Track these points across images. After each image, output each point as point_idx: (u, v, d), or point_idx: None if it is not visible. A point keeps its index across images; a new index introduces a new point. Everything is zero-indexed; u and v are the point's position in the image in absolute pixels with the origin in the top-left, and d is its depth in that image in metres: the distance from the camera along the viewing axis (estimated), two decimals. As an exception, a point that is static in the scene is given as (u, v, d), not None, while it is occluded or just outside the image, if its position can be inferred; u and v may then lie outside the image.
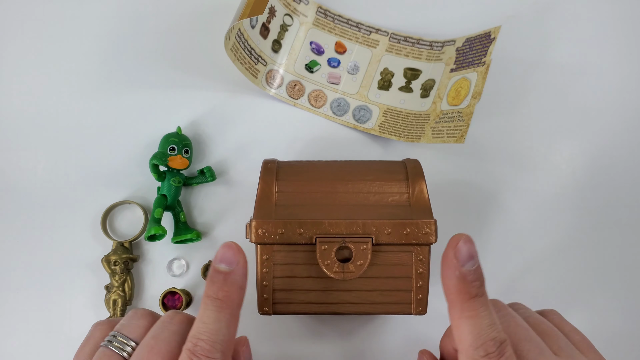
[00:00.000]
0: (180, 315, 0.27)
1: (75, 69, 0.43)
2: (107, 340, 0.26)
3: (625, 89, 0.44)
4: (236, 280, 0.25)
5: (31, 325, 0.40)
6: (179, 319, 0.27)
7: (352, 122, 0.43)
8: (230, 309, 0.25)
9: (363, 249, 0.30)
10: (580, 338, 0.28)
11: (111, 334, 0.27)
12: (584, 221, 0.42)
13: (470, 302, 0.24)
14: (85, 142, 0.42)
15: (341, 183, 0.33)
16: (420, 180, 0.33)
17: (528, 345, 0.25)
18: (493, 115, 0.43)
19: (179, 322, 0.26)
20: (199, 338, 0.24)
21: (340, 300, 0.31)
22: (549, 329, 0.27)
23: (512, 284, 0.41)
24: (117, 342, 0.26)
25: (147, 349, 0.25)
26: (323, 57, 0.44)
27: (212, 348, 0.23)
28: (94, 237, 0.41)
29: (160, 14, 0.44)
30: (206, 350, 0.23)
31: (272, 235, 0.31)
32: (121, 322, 0.27)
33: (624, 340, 0.40)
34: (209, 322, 0.24)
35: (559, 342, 0.26)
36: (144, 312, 0.28)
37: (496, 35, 0.37)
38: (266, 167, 0.34)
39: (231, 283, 0.25)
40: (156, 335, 0.25)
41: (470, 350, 0.23)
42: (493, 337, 0.23)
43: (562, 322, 0.29)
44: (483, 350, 0.23)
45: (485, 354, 0.23)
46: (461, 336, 0.24)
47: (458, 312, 0.24)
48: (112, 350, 0.26)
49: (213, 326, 0.24)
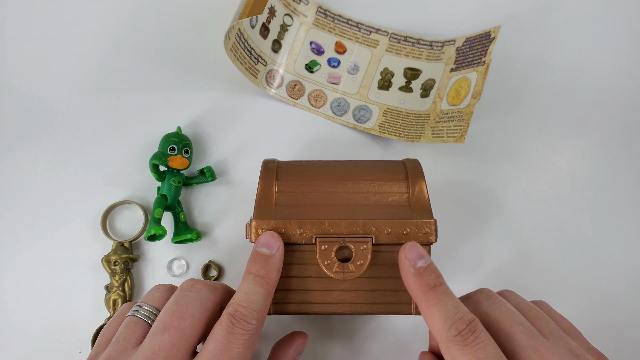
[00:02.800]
0: (198, 283, 0.29)
1: (75, 69, 0.43)
2: (134, 310, 0.29)
3: (625, 89, 0.44)
4: (275, 262, 0.29)
5: (31, 325, 0.40)
6: (198, 286, 0.29)
7: (352, 122, 0.43)
8: (268, 286, 0.28)
9: (363, 248, 0.30)
10: (568, 325, 0.29)
11: (136, 304, 0.29)
12: (583, 221, 0.42)
13: (431, 292, 0.27)
14: (85, 142, 0.42)
15: (341, 183, 0.33)
16: (420, 180, 0.33)
17: (519, 328, 0.26)
18: (493, 115, 0.43)
19: (198, 290, 0.28)
20: (239, 304, 0.26)
21: (340, 300, 0.31)
22: (538, 314, 0.28)
23: (512, 283, 0.41)
24: (143, 310, 0.28)
25: (169, 313, 0.27)
26: (323, 57, 0.44)
27: (250, 315, 0.26)
28: (94, 237, 0.41)
29: (160, 14, 0.44)
30: (245, 315, 0.26)
31: None
32: (145, 295, 0.30)
33: (623, 340, 0.40)
34: (250, 293, 0.27)
35: (548, 326, 0.27)
36: (167, 285, 0.31)
37: (496, 35, 0.37)
38: (266, 167, 0.34)
39: (271, 264, 0.29)
40: (177, 300, 0.27)
41: (443, 334, 0.25)
42: (460, 317, 0.25)
43: (551, 311, 0.30)
44: (454, 329, 0.25)
45: (457, 332, 0.24)
46: (433, 325, 0.26)
47: (424, 304, 0.27)
48: (139, 317, 0.28)
49: (253, 297, 0.27)
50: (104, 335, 0.29)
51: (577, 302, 0.41)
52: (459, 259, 0.41)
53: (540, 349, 0.25)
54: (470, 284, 0.41)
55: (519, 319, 0.27)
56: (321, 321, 0.40)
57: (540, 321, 0.28)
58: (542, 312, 0.29)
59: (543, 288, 0.41)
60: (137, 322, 0.28)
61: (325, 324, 0.40)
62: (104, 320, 0.39)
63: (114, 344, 0.27)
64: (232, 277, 0.41)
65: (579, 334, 0.29)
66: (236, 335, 0.25)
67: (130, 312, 0.29)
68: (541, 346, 0.25)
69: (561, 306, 0.40)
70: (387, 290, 0.31)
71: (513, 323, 0.26)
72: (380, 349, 0.40)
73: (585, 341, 0.28)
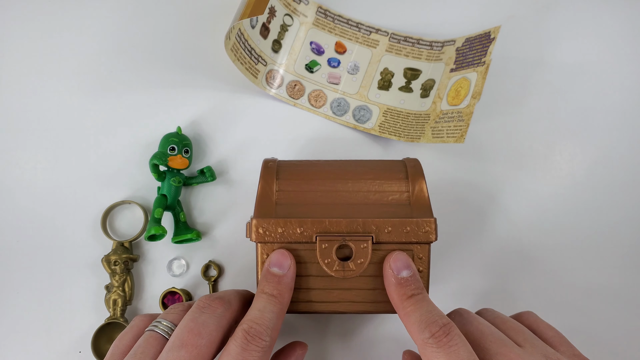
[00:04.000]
0: (215, 302, 0.29)
1: (75, 69, 0.43)
2: (153, 325, 0.29)
3: (625, 89, 0.44)
4: (287, 282, 0.30)
5: (31, 325, 0.40)
6: (215, 305, 0.29)
7: (352, 122, 0.43)
8: (281, 305, 0.29)
9: (363, 247, 0.30)
10: (554, 334, 0.30)
11: (156, 320, 0.29)
12: (583, 221, 0.42)
13: (409, 300, 0.28)
14: (85, 142, 0.42)
15: (341, 182, 0.33)
16: (420, 179, 0.33)
17: (490, 338, 0.27)
18: (493, 115, 0.43)
19: (214, 309, 0.29)
20: (254, 322, 0.27)
21: (340, 299, 0.31)
22: (513, 325, 0.29)
23: (512, 283, 0.41)
24: (162, 326, 0.29)
25: (186, 330, 0.27)
26: (323, 57, 0.44)
27: (264, 332, 0.27)
28: (94, 237, 0.41)
29: (160, 14, 0.44)
30: (259, 332, 0.26)
31: (272, 234, 0.31)
32: (164, 312, 0.30)
33: (623, 339, 0.40)
34: (264, 310, 0.28)
35: (523, 334, 0.28)
36: (184, 304, 0.31)
37: (496, 35, 0.37)
38: (266, 166, 0.34)
39: (284, 284, 0.29)
40: (195, 318, 0.28)
41: (419, 337, 0.26)
42: (434, 320, 0.26)
43: (537, 321, 0.31)
44: (428, 332, 0.26)
45: (431, 334, 0.25)
46: (410, 330, 0.27)
47: (402, 311, 0.28)
48: (158, 332, 0.28)
49: (267, 315, 0.28)
50: (118, 347, 0.29)
51: (576, 302, 0.41)
52: (459, 259, 0.41)
53: (510, 355, 0.26)
54: (470, 282, 0.41)
55: (488, 330, 0.28)
56: (322, 320, 0.40)
57: (514, 331, 0.29)
58: (517, 323, 0.30)
59: (542, 288, 0.41)
60: (156, 337, 0.28)
61: (325, 323, 0.40)
62: (104, 320, 0.39)
63: (131, 356, 0.27)
64: (232, 277, 0.41)
65: (564, 341, 0.29)
66: (250, 352, 0.26)
67: (150, 327, 0.29)
68: (511, 352, 0.26)
69: (561, 306, 0.41)
70: None
71: (482, 334, 0.27)
72: (380, 348, 0.40)
73: (571, 347, 0.29)
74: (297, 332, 0.40)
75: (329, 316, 0.40)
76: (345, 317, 0.40)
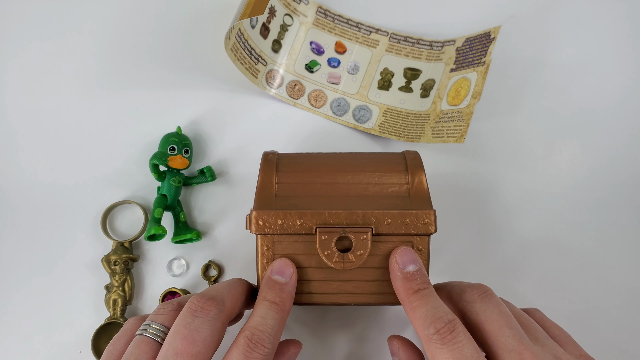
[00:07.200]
0: (207, 303, 0.28)
1: (75, 69, 0.43)
2: (142, 329, 0.28)
3: (626, 89, 0.44)
4: (289, 290, 0.30)
5: (31, 325, 0.40)
6: (207, 307, 0.28)
7: (352, 122, 0.43)
8: (283, 312, 0.29)
9: (363, 239, 0.30)
10: (560, 332, 0.30)
11: (144, 323, 0.29)
12: (583, 221, 0.42)
13: (415, 294, 0.28)
14: (85, 142, 0.42)
15: (341, 174, 0.33)
16: (419, 171, 0.33)
17: (508, 331, 0.27)
18: (493, 115, 0.43)
19: (207, 312, 0.28)
20: (256, 328, 0.27)
21: (340, 290, 0.31)
22: (527, 321, 0.29)
23: (511, 282, 0.41)
24: (151, 329, 0.28)
25: (180, 337, 0.26)
26: (323, 57, 0.44)
27: (266, 339, 0.27)
28: (94, 237, 0.41)
29: (160, 14, 0.44)
30: (262, 339, 0.26)
31: (272, 226, 0.31)
32: (152, 313, 0.30)
33: (623, 339, 0.40)
34: (266, 317, 0.28)
35: (535, 333, 0.28)
36: (173, 304, 0.30)
37: (496, 35, 0.37)
38: (266, 158, 0.34)
39: (286, 292, 0.29)
40: (187, 323, 0.27)
41: (424, 333, 0.26)
42: (439, 316, 0.26)
43: (543, 319, 0.31)
44: (433, 328, 0.26)
45: (435, 331, 0.25)
46: (415, 325, 0.27)
47: (408, 306, 0.28)
48: (148, 336, 0.28)
49: (269, 322, 0.27)
50: (111, 352, 0.29)
51: (576, 302, 0.41)
52: (459, 258, 0.41)
53: (524, 353, 0.25)
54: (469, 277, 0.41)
55: (509, 323, 0.27)
56: (321, 311, 0.40)
57: (527, 328, 0.28)
58: (530, 319, 0.29)
59: (542, 288, 0.41)
60: (147, 342, 0.27)
61: (325, 315, 0.40)
62: (104, 320, 0.39)
63: None
64: (232, 276, 0.41)
65: (569, 340, 0.29)
66: (253, 359, 0.26)
67: (139, 331, 0.28)
68: (526, 351, 0.25)
69: (560, 306, 0.41)
70: (387, 280, 0.31)
71: (502, 326, 0.27)
72: (380, 340, 0.40)
73: (577, 347, 0.29)
74: (296, 324, 0.40)
75: (328, 308, 0.40)
76: (345, 308, 0.40)
